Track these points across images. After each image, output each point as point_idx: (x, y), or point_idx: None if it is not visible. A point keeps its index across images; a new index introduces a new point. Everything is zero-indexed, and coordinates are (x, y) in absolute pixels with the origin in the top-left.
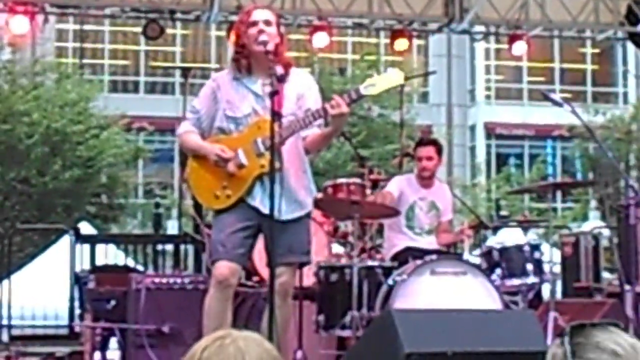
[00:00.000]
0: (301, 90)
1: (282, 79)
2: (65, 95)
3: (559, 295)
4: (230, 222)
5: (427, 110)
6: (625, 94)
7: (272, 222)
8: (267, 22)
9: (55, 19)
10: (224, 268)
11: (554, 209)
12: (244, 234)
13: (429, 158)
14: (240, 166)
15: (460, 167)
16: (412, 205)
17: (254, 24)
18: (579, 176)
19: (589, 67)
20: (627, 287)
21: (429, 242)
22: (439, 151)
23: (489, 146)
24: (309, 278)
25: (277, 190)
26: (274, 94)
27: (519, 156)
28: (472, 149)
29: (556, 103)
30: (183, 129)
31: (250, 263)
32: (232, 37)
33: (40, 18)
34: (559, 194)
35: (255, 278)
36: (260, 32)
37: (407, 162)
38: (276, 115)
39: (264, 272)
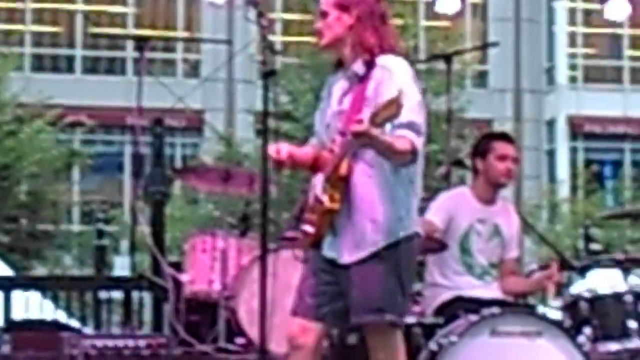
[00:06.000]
0: (376, 90)
1: (348, 90)
2: None
3: None
4: (309, 264)
5: (485, 97)
6: None
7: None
8: (324, 14)
9: None
10: (293, 325)
11: None
12: (321, 280)
13: (515, 160)
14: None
15: (533, 180)
16: (468, 232)
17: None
18: None
19: None
20: None
21: (491, 288)
22: None
23: (574, 150)
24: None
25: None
26: (341, 112)
27: (618, 164)
28: (551, 153)
29: None
30: None
31: None
32: None
33: None
34: None
35: None
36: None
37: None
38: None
39: None
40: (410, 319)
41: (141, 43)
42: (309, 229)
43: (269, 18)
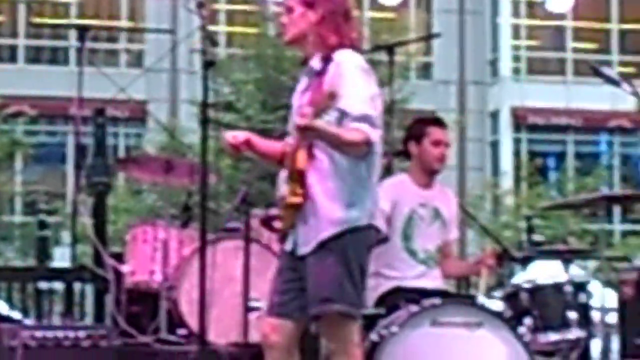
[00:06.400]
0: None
1: (308, 85)
2: None
3: (614, 355)
4: (278, 262)
5: (429, 89)
6: None
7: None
8: (289, 9)
9: None
10: (264, 324)
11: (609, 233)
12: (286, 277)
13: (448, 144)
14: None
15: (477, 171)
16: (410, 216)
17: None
18: None
19: None
20: None
21: (432, 278)
22: None
23: (517, 141)
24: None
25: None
26: (301, 108)
27: (561, 156)
28: (494, 144)
29: (612, 81)
30: None
31: None
32: None
33: None
34: (616, 210)
35: None
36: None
37: (398, 164)
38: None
39: None
40: None
41: (82, 32)
42: (278, 225)
43: (210, 8)
